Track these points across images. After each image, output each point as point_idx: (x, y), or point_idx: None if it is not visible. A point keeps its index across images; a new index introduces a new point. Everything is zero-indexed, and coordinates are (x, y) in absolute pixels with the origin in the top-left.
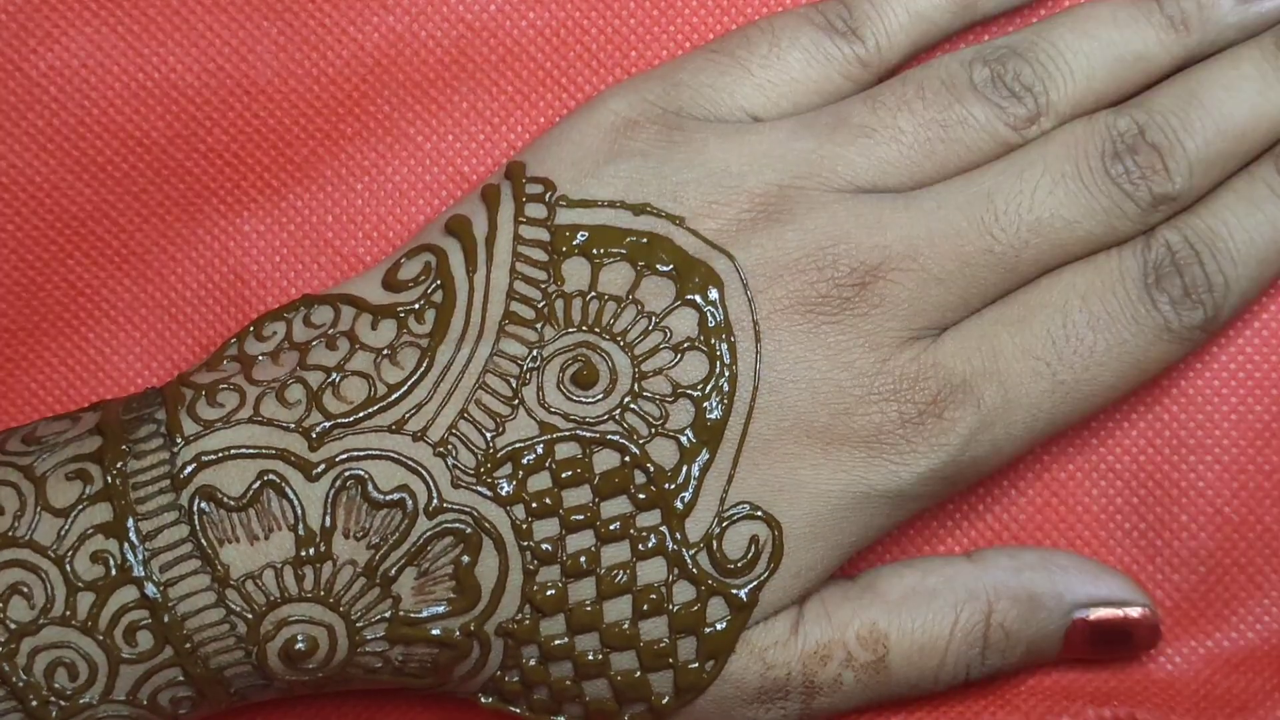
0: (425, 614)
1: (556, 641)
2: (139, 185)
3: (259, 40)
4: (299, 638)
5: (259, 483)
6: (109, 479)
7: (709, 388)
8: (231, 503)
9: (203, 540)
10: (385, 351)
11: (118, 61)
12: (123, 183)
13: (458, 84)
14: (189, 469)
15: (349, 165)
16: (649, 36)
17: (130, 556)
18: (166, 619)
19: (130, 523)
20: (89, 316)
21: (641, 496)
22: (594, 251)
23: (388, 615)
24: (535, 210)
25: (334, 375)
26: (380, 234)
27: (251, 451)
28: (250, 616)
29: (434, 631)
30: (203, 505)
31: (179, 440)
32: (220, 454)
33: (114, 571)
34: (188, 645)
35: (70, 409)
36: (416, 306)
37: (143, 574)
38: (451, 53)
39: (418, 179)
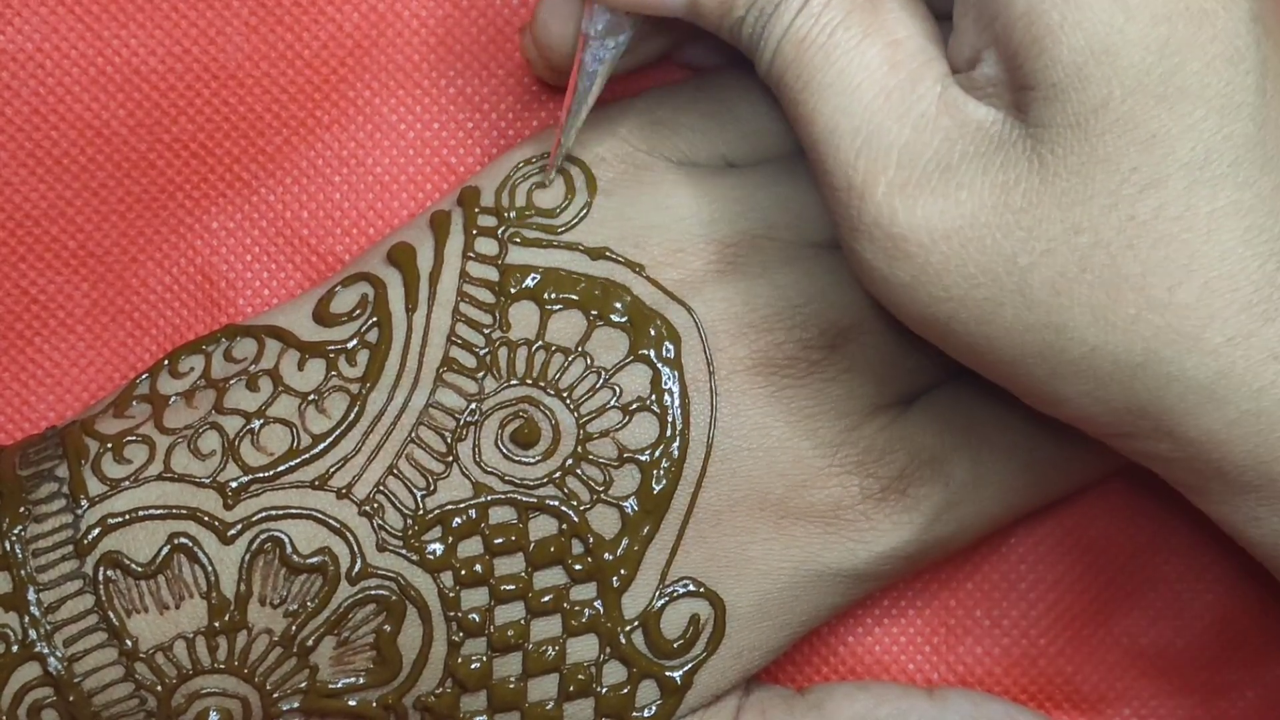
0: (342, 684)
1: (476, 719)
2: (98, 180)
3: (228, 21)
4: (212, 711)
5: (169, 547)
6: (6, 546)
7: (658, 453)
8: (139, 569)
9: (109, 611)
10: (311, 397)
11: (75, 45)
12: (80, 177)
13: (444, 67)
14: (94, 533)
15: (326, 156)
16: None
17: (31, 631)
18: (72, 697)
19: (31, 594)
20: (43, 326)
21: (578, 568)
22: (545, 296)
23: (304, 686)
24: (486, 246)
25: (254, 422)
26: (360, 230)
27: (161, 512)
28: (161, 690)
29: (350, 703)
30: (109, 573)
31: (83, 502)
32: (127, 516)
33: (15, 648)
34: None
35: (25, 428)
36: (349, 346)
37: (45, 649)
38: (438, 33)
39: (400, 170)
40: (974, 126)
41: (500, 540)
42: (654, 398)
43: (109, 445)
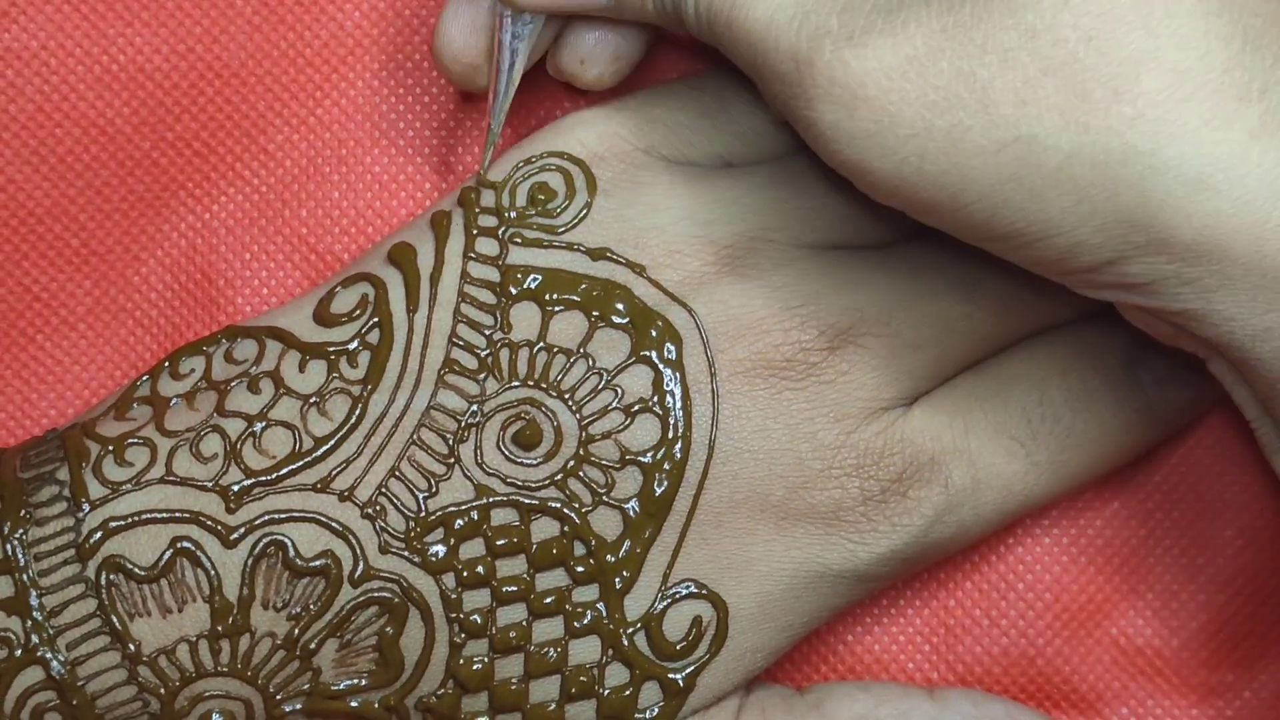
0: (344, 686)
1: None
2: (100, 178)
3: (231, 19)
4: (215, 714)
5: (171, 551)
6: (8, 550)
7: (660, 454)
8: (142, 573)
9: (112, 616)
10: (313, 399)
11: (79, 43)
12: (83, 175)
13: None
14: (95, 537)
15: (326, 154)
16: None
17: (34, 636)
18: (76, 700)
19: (33, 598)
20: (45, 324)
21: (580, 570)
22: (546, 297)
23: (307, 688)
24: (487, 246)
25: (256, 425)
26: (359, 230)
27: (164, 516)
28: (164, 693)
29: (353, 704)
30: (111, 577)
31: (85, 506)
32: (129, 519)
33: (18, 652)
34: None
35: (27, 427)
36: (350, 347)
37: (48, 654)
38: None
39: (400, 170)
40: None
41: (502, 542)
42: (656, 399)
43: (110, 448)
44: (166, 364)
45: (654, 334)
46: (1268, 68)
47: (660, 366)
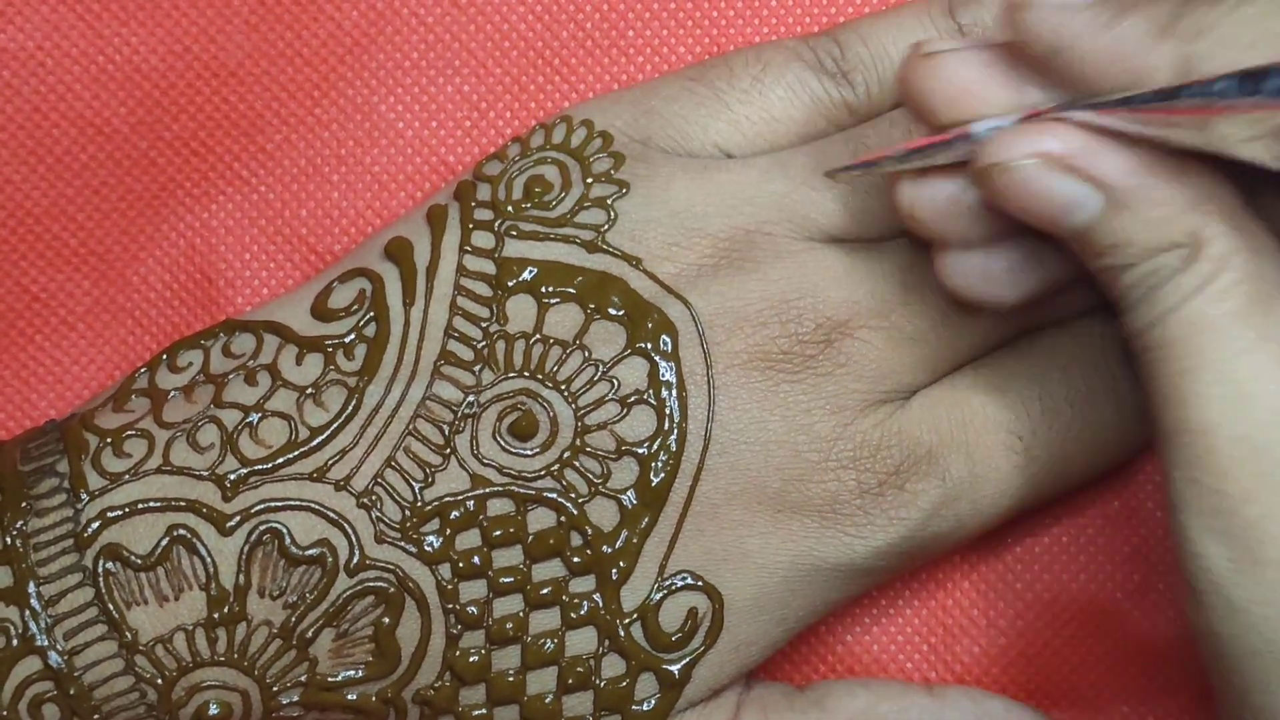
0: (341, 677)
1: (475, 712)
2: (99, 178)
3: (229, 19)
4: (212, 704)
5: (168, 539)
6: (8, 540)
7: (656, 445)
8: (139, 561)
9: (109, 604)
10: (309, 390)
11: (76, 42)
12: (81, 175)
13: (442, 65)
14: (94, 527)
15: (325, 154)
16: (648, 15)
17: (32, 624)
18: (72, 690)
19: (31, 587)
20: (44, 323)
21: (576, 560)
22: (542, 289)
23: (303, 679)
24: (482, 239)
25: (252, 415)
26: (358, 229)
27: (160, 504)
28: (161, 683)
29: (349, 696)
30: (108, 565)
31: (83, 496)
32: (126, 509)
33: (15, 641)
34: (96, 717)
35: (26, 427)
36: (346, 340)
37: (45, 643)
38: (436, 31)
39: (398, 169)
40: None
41: (498, 532)
42: (651, 391)
43: (108, 440)
44: (164, 357)
45: (649, 326)
46: None
47: (656, 359)
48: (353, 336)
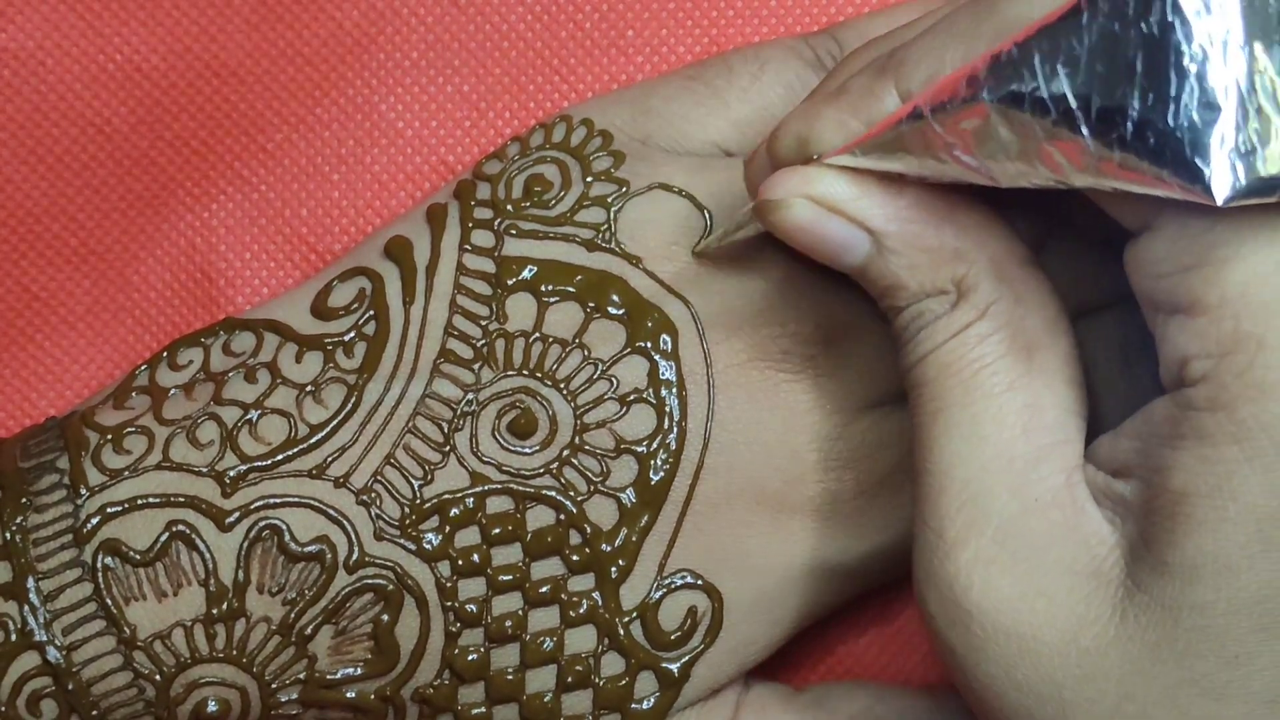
0: (340, 675)
1: (474, 711)
2: (99, 177)
3: (229, 19)
4: (210, 701)
5: (167, 534)
6: (7, 535)
7: (655, 444)
8: (138, 557)
9: (107, 599)
10: (309, 388)
11: (76, 42)
12: (81, 174)
13: (442, 65)
14: (93, 522)
15: (325, 154)
16: (647, 15)
17: (31, 619)
18: (71, 686)
19: (30, 582)
20: (45, 323)
21: (575, 559)
22: (542, 288)
23: (302, 676)
24: (482, 238)
25: (251, 413)
26: (358, 228)
27: (159, 500)
28: (159, 679)
29: (348, 694)
30: (107, 561)
31: (83, 492)
32: (126, 504)
33: (14, 636)
34: (95, 713)
35: (26, 424)
36: (346, 338)
37: (45, 638)
38: (435, 31)
39: (398, 169)
40: (1081, 536)
41: (497, 530)
42: (651, 390)
43: (109, 436)
44: (165, 355)
45: (649, 325)
46: None
47: (655, 357)
48: (352, 335)
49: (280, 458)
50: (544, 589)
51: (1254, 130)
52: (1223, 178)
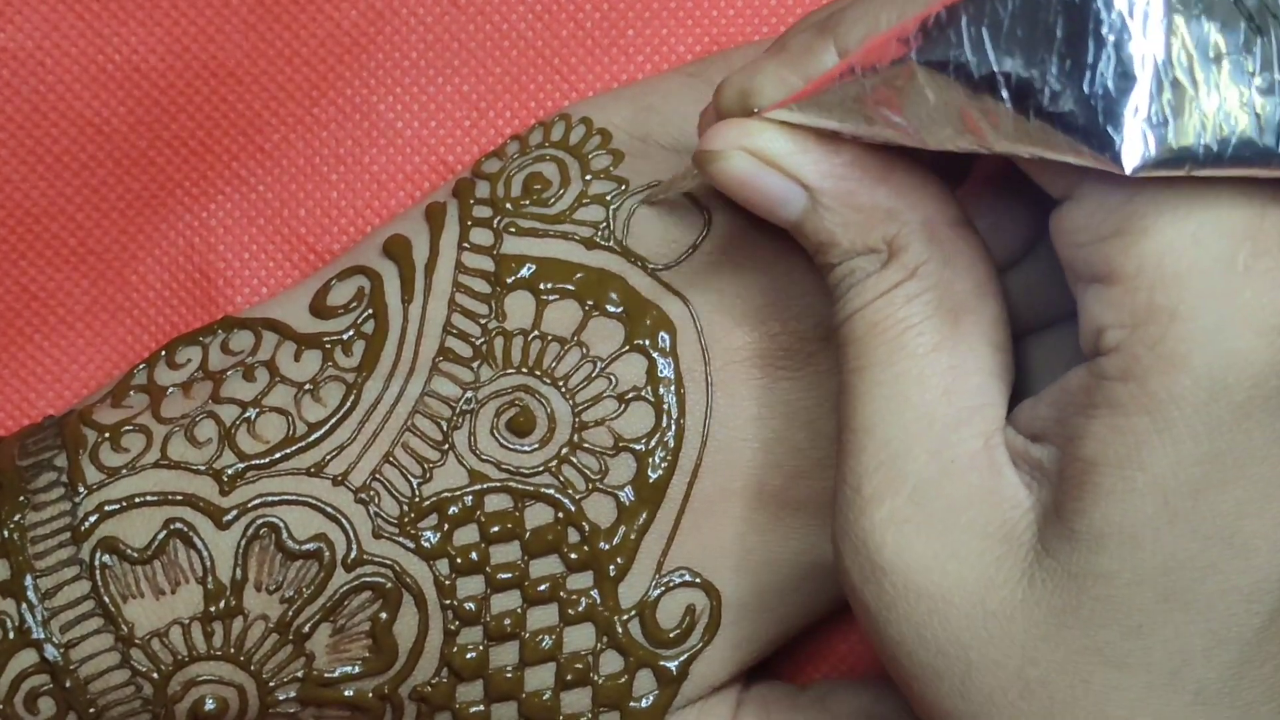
0: (338, 673)
1: (473, 709)
2: (97, 177)
3: (227, 19)
4: (208, 699)
5: (165, 532)
6: (5, 533)
7: (653, 442)
8: (135, 555)
9: (105, 597)
10: (307, 386)
11: (75, 42)
12: (80, 174)
13: (442, 65)
14: (91, 520)
15: (324, 154)
16: (647, 14)
17: (28, 617)
18: (69, 684)
19: (28, 580)
20: (43, 322)
21: (574, 556)
22: (541, 286)
23: (300, 675)
24: (481, 236)
25: (250, 411)
26: (357, 228)
27: (157, 498)
28: (157, 677)
29: (347, 693)
30: (105, 558)
31: (81, 490)
32: (124, 502)
33: (11, 634)
34: (92, 710)
35: (24, 423)
36: (345, 337)
37: (42, 636)
38: (435, 30)
39: (397, 169)
40: (996, 500)
41: (496, 528)
42: (649, 388)
43: (107, 435)
44: (163, 354)
45: (648, 323)
46: None
47: (654, 355)
48: (351, 333)
49: (278, 456)
50: (543, 587)
51: (1167, 102)
52: (1134, 147)
